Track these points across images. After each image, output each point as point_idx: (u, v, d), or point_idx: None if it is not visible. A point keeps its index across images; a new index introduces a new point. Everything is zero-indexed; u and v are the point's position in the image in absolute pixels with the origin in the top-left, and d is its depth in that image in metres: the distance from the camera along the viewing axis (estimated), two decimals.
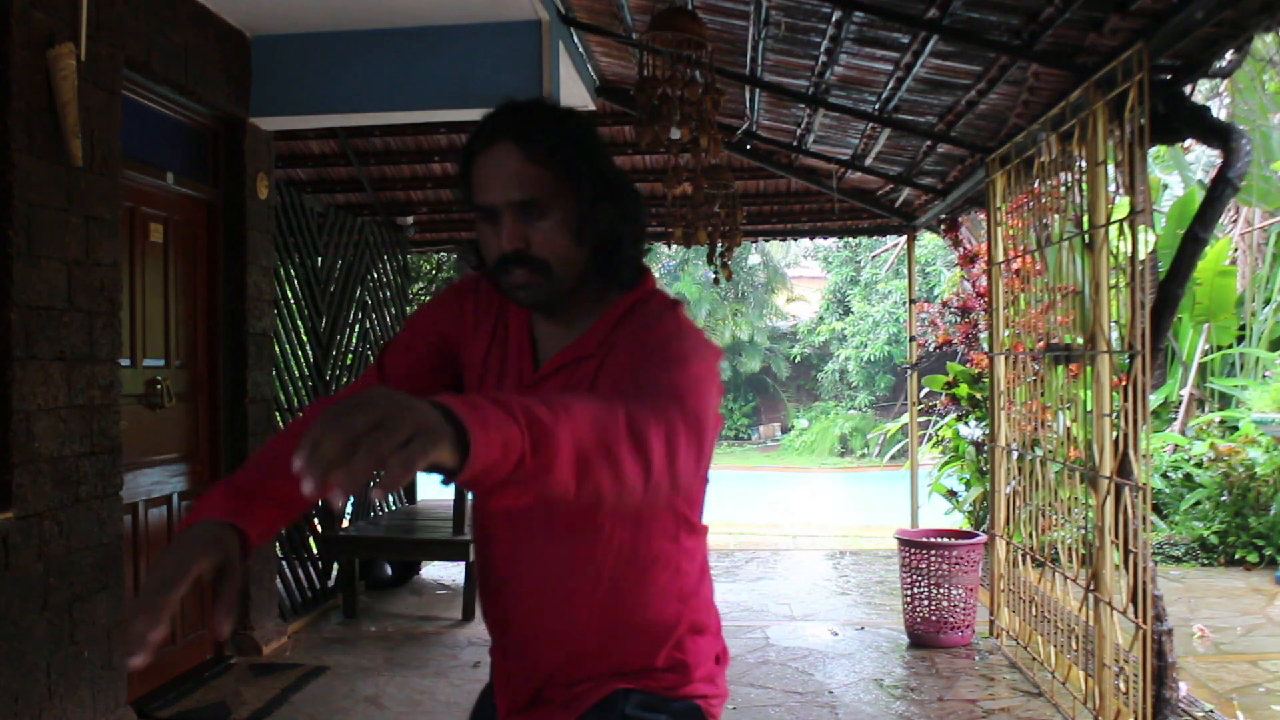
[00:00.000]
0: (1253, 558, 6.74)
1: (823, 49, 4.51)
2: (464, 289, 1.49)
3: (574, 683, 1.39)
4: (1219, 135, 3.27)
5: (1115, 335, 3.60)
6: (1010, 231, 4.83)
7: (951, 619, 4.94)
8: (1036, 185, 4.32)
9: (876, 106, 5.09)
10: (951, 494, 7.17)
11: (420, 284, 9.63)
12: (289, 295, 5.65)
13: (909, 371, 7.62)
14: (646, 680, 1.39)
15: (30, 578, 3.18)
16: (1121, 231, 3.43)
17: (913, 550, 5.03)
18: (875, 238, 11.19)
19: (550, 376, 1.37)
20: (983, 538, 5.16)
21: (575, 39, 5.20)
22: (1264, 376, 8.77)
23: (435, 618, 5.62)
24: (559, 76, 4.69)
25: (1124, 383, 3.39)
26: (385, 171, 7.09)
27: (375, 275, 6.92)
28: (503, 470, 0.90)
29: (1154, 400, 8.07)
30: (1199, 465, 7.39)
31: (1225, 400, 9.05)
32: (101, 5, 3.54)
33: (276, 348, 5.23)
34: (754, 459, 20.54)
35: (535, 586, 1.39)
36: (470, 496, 1.51)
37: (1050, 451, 4.29)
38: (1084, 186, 3.74)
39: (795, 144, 6.35)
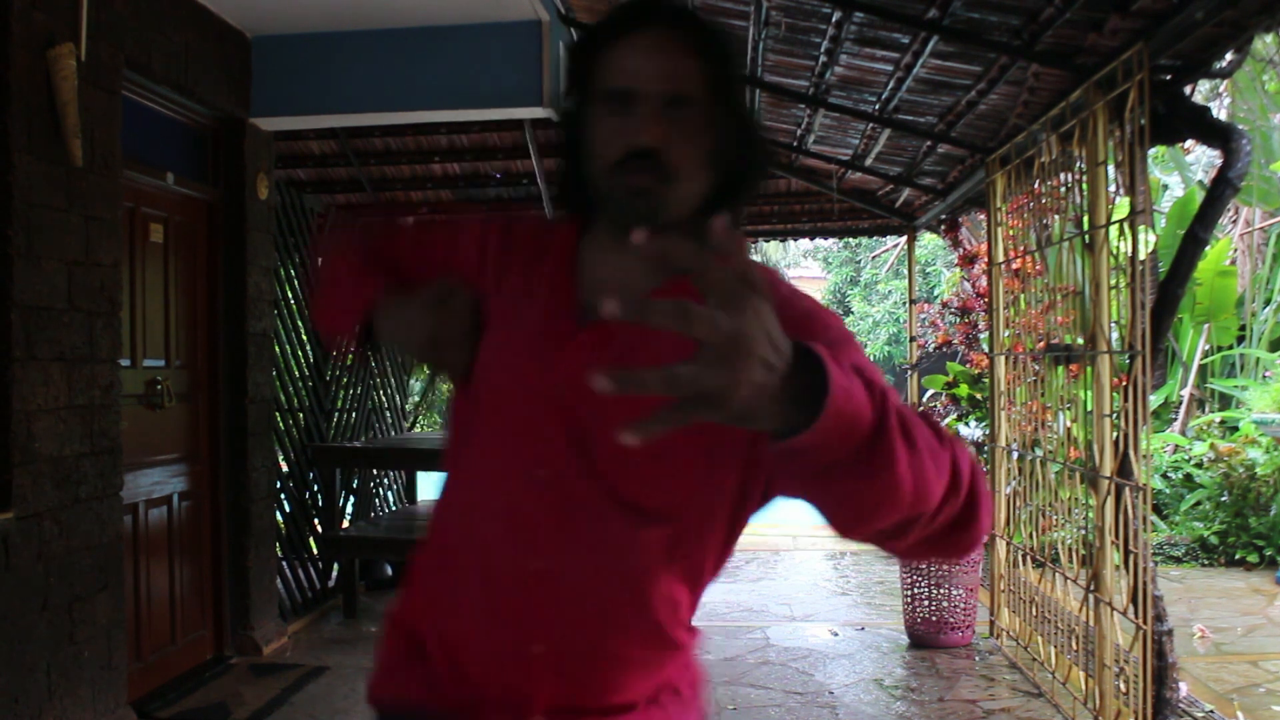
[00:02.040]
0: (1253, 558, 6.74)
1: (823, 49, 4.51)
2: (494, 226, 1.28)
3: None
4: (1219, 135, 3.27)
5: (1115, 335, 3.60)
6: (1010, 232, 4.83)
7: (952, 619, 4.94)
8: (1036, 185, 4.32)
9: (876, 107, 5.09)
10: None
11: None
12: (289, 295, 5.65)
13: (909, 372, 7.62)
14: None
15: (30, 578, 3.18)
16: (1121, 232, 3.43)
17: None
18: (875, 238, 11.19)
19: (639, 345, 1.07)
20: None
21: (575, 39, 5.20)
22: (1264, 377, 8.77)
23: None
24: (559, 77, 4.69)
25: (1124, 383, 3.39)
26: (385, 171, 7.09)
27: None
28: (850, 440, 0.79)
29: (1154, 401, 8.07)
30: (1199, 465, 7.39)
31: (1225, 401, 9.05)
32: (101, 5, 3.54)
33: (276, 348, 5.23)
34: None
35: (575, 582, 1.14)
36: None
37: (1050, 452, 4.29)
38: (1084, 187, 3.74)
39: (795, 144, 6.35)
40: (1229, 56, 3.23)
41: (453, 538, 1.21)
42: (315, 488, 5.85)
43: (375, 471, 6.74)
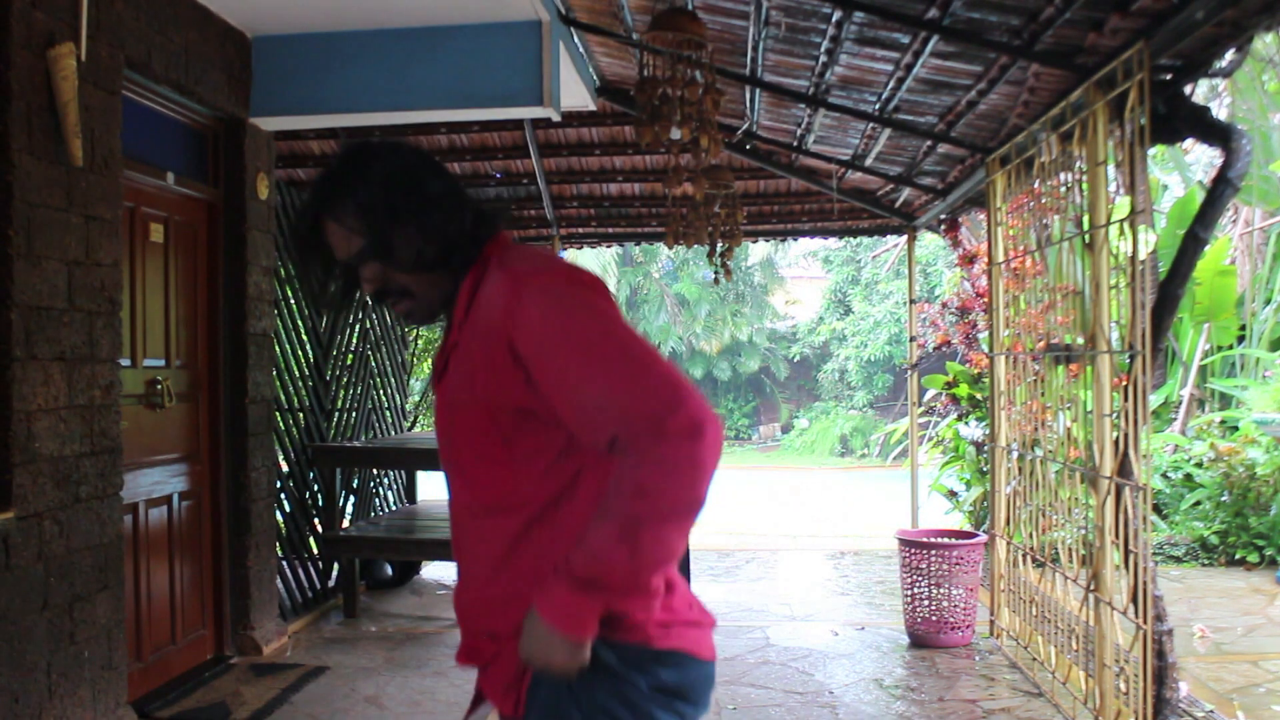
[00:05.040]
0: (1253, 558, 6.74)
1: (823, 49, 4.51)
2: None
3: (480, 635, 1.51)
4: (1219, 135, 3.27)
5: (1115, 335, 3.60)
6: (1010, 232, 4.83)
7: (952, 619, 4.93)
8: (1036, 185, 4.32)
9: (877, 106, 5.09)
10: (952, 494, 7.17)
11: None
12: (289, 295, 5.65)
13: (909, 372, 7.62)
14: None
15: (30, 578, 3.18)
16: (1121, 231, 3.43)
17: (913, 550, 5.03)
18: (876, 238, 11.18)
19: (441, 375, 1.53)
20: (983, 538, 5.16)
21: (575, 39, 5.20)
22: (1264, 376, 8.76)
23: (435, 618, 5.62)
24: (559, 77, 4.69)
25: (1124, 383, 3.39)
26: None
27: None
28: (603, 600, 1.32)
29: (1154, 400, 8.07)
30: (1199, 465, 7.39)
31: (1225, 400, 9.05)
32: (101, 5, 3.54)
33: (276, 348, 5.23)
34: (754, 459, 20.54)
35: (454, 541, 1.57)
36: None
37: (1050, 451, 4.29)
38: (1084, 186, 3.74)
39: (795, 144, 6.35)
40: (1229, 56, 3.23)
41: None
42: (315, 488, 5.85)
43: (375, 471, 6.73)
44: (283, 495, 5.43)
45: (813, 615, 5.69)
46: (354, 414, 6.55)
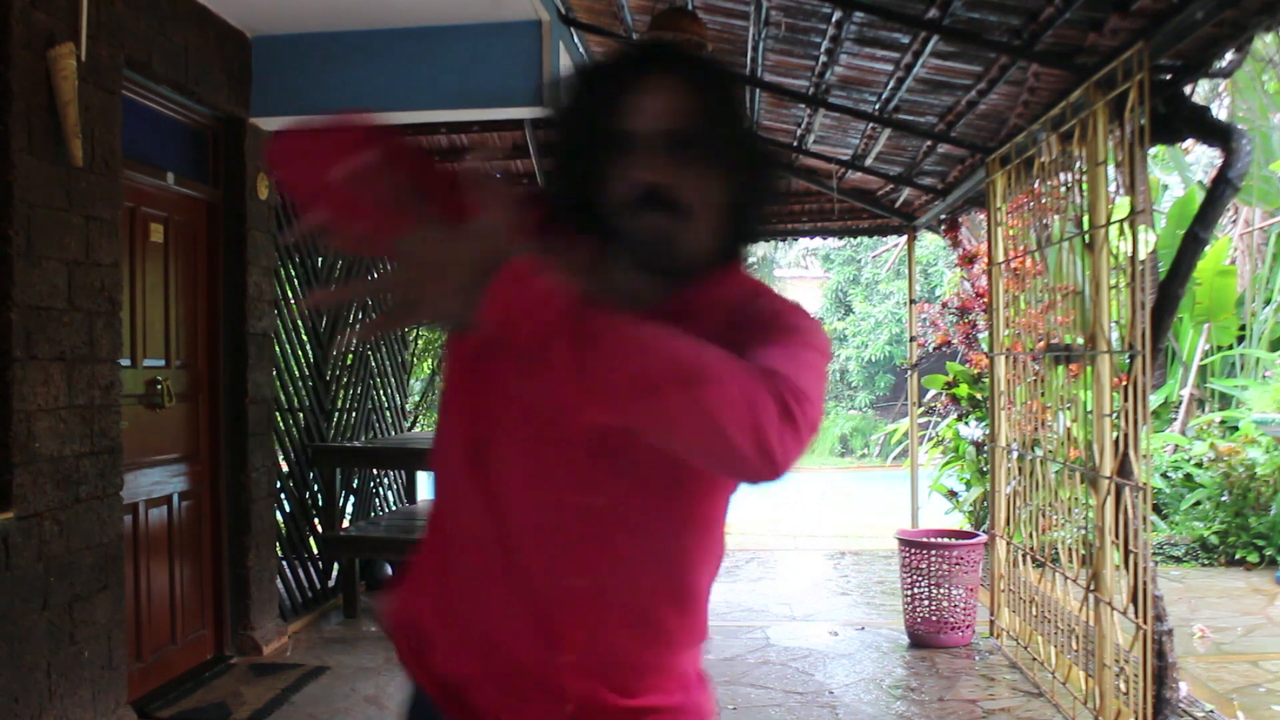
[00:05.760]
0: (1253, 558, 6.74)
1: (823, 49, 4.51)
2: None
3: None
4: (1219, 135, 3.27)
5: (1115, 335, 3.60)
6: (1010, 232, 4.83)
7: (952, 619, 4.93)
8: (1036, 185, 4.32)
9: (876, 107, 5.09)
10: (952, 494, 7.17)
11: None
12: (289, 295, 5.65)
13: (909, 372, 7.62)
14: None
15: (30, 578, 3.18)
16: (1121, 231, 3.43)
17: (913, 550, 5.03)
18: (877, 238, 11.19)
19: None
20: (983, 538, 5.16)
21: (575, 39, 5.20)
22: (1264, 377, 8.77)
23: None
24: (559, 77, 4.69)
25: (1124, 383, 3.39)
26: None
27: (376, 275, 6.91)
28: (522, 326, 0.89)
29: (1154, 400, 8.07)
30: (1199, 465, 7.39)
31: (1225, 400, 9.05)
32: (101, 5, 3.54)
33: (277, 348, 5.23)
34: None
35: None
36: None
37: (1050, 451, 4.29)
38: (1084, 186, 3.74)
39: (795, 144, 6.35)
40: (1229, 56, 3.23)
41: (472, 545, 1.18)
42: (315, 488, 5.85)
43: (375, 471, 6.73)
44: (283, 495, 5.43)
45: (813, 615, 5.69)
46: (354, 414, 6.55)
